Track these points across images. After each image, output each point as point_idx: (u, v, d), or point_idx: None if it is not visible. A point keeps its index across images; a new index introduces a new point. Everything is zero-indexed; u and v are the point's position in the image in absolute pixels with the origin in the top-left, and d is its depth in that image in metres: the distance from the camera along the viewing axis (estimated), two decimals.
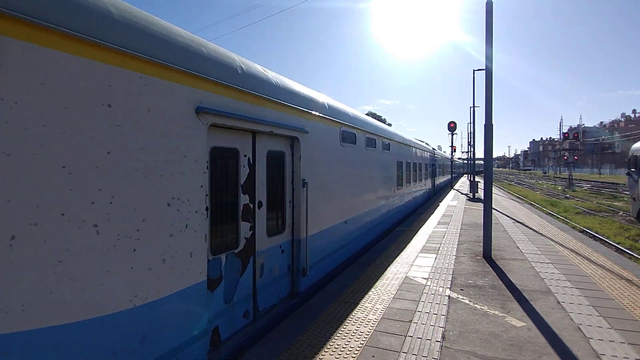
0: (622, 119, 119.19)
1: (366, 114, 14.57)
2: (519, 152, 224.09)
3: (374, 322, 4.65)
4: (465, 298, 5.52)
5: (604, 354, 3.84)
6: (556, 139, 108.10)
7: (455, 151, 36.55)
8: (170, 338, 3.09)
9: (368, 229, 9.20)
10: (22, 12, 2.16)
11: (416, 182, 16.47)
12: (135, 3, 3.33)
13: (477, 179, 27.10)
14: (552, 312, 4.95)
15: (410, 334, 4.35)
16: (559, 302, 5.28)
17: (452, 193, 26.58)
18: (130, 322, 2.74)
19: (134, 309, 2.75)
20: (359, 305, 5.21)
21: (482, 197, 8.45)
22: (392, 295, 5.61)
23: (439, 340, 4.19)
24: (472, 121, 36.14)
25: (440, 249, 8.76)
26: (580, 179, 56.70)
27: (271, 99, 4.68)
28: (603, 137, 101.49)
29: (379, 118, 47.69)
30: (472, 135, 33.30)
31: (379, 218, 10.31)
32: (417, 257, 7.95)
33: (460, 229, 11.44)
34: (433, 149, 25.12)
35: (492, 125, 8.12)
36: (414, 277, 6.54)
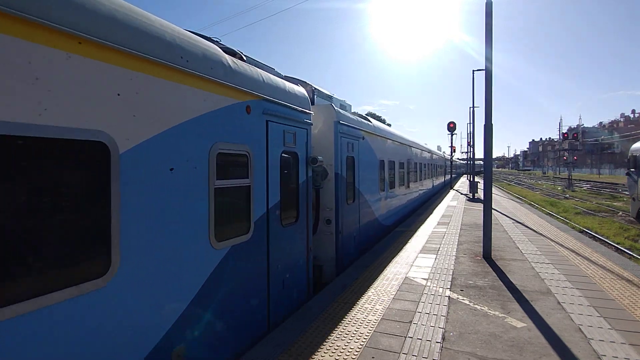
0: (622, 119, 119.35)
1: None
2: (518, 153, 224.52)
3: (373, 323, 4.63)
4: (465, 299, 5.50)
5: (604, 355, 3.82)
6: (556, 139, 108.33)
7: (454, 151, 36.33)
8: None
9: None
10: None
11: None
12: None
13: (476, 179, 27.08)
14: (553, 312, 4.94)
15: (410, 335, 4.33)
16: (559, 303, 5.27)
17: (451, 193, 26.56)
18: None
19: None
20: (359, 306, 5.19)
21: (482, 198, 8.44)
22: (392, 296, 5.60)
23: (439, 341, 4.17)
24: (471, 121, 36.17)
25: (440, 249, 8.74)
26: (580, 179, 56.77)
27: None
28: (602, 137, 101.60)
29: (378, 118, 47.43)
30: (471, 136, 33.34)
31: None
32: (416, 257, 7.94)
33: (460, 229, 11.43)
34: (364, 117, 9.65)
35: (492, 125, 8.11)
36: (413, 277, 6.53)
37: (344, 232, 7.38)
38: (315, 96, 7.46)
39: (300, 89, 5.84)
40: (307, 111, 5.87)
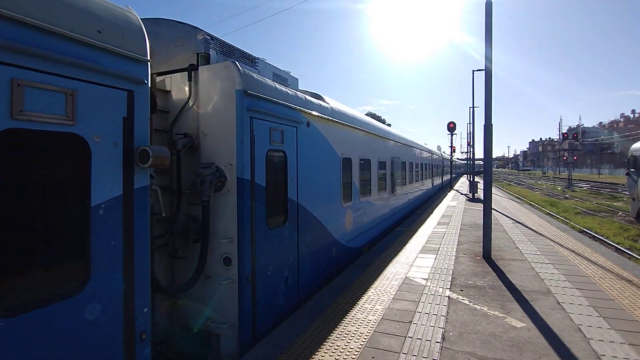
0: (622, 119, 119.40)
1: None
2: (518, 153, 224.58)
3: (373, 323, 4.64)
4: (465, 299, 5.51)
5: (604, 355, 3.83)
6: (556, 139, 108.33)
7: (454, 151, 36.29)
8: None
9: None
10: None
11: None
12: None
13: (476, 179, 27.07)
14: (552, 312, 4.94)
15: (410, 334, 4.33)
16: (559, 303, 5.27)
17: (451, 193, 26.56)
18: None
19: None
20: (359, 306, 5.19)
21: (482, 198, 8.45)
22: (392, 296, 5.60)
23: (439, 341, 4.18)
24: (471, 121, 36.21)
25: (440, 249, 8.75)
26: (580, 179, 56.77)
27: None
28: (602, 137, 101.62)
29: (378, 118, 47.34)
30: (471, 136, 33.38)
31: None
32: (416, 257, 7.94)
33: (460, 229, 11.43)
34: (316, 96, 7.06)
35: (492, 125, 8.12)
36: (413, 277, 6.53)
37: (261, 277, 4.56)
38: (214, 52, 4.78)
39: (117, 10, 2.99)
40: (132, 56, 2.95)
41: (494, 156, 9.85)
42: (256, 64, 5.72)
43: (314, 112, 6.19)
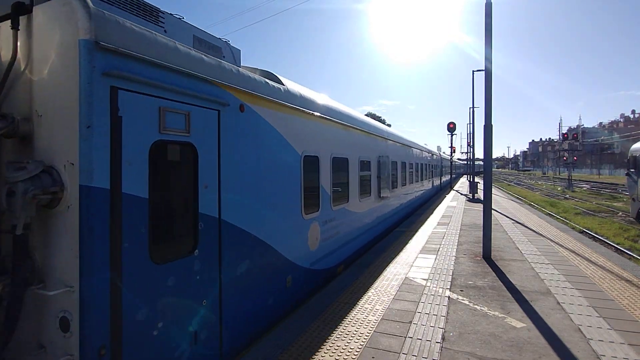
0: (622, 120, 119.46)
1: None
2: (518, 153, 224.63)
3: (374, 323, 4.64)
4: (465, 299, 5.51)
5: (603, 355, 3.83)
6: (556, 140, 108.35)
7: (455, 151, 36.15)
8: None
9: None
10: None
11: None
12: None
13: (476, 179, 27.06)
14: (552, 313, 4.95)
15: (410, 335, 4.34)
16: (558, 303, 5.28)
17: (451, 194, 26.57)
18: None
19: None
20: (359, 306, 5.20)
21: (482, 198, 8.45)
22: (392, 296, 5.61)
23: (439, 341, 4.18)
24: (471, 122, 36.21)
25: (440, 249, 8.75)
26: (580, 180, 56.79)
27: None
28: (602, 137, 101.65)
29: (378, 118, 47.21)
30: (471, 136, 33.39)
31: None
32: (416, 257, 7.95)
33: (460, 230, 11.44)
34: (273, 76, 5.44)
35: (492, 125, 8.13)
36: (413, 277, 6.54)
37: (134, 342, 2.89)
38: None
39: None
40: None
41: (494, 156, 9.83)
42: (160, 19, 3.88)
43: (253, 92, 4.48)
